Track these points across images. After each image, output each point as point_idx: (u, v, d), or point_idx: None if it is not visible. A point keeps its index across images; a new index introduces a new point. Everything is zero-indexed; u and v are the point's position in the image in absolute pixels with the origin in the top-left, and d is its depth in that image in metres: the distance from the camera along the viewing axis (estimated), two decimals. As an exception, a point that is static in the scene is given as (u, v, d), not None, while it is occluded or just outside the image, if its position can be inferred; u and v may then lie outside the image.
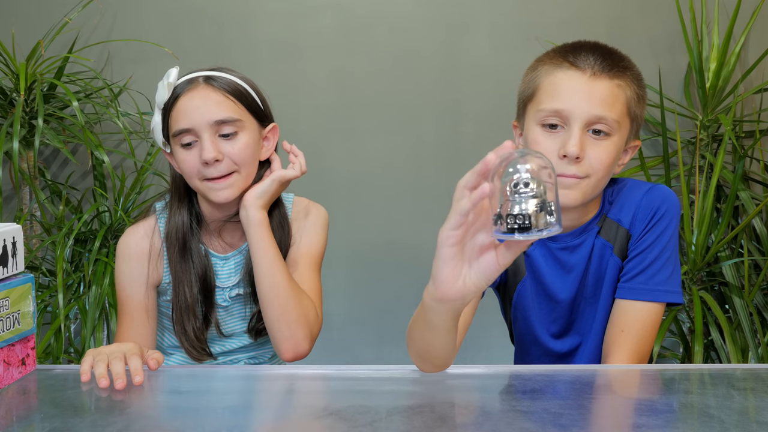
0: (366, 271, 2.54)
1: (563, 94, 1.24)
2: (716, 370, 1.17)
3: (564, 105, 1.23)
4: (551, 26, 2.47)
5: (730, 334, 2.11)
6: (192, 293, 1.40)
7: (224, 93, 1.35)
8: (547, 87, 1.26)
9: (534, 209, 0.80)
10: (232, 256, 1.45)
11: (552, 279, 1.35)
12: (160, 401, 1.08)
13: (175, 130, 1.34)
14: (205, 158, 1.32)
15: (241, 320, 1.47)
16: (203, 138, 1.33)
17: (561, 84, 1.24)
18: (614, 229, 1.33)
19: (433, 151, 2.54)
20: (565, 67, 1.25)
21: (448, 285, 0.88)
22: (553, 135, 1.24)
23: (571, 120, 1.23)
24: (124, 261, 1.41)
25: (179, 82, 1.36)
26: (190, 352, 1.42)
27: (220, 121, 1.33)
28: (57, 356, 2.19)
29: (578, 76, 1.24)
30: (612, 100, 1.24)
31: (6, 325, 1.05)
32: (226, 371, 1.24)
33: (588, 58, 1.25)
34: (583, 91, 1.23)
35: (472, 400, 1.06)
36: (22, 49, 2.44)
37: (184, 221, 1.41)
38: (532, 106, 1.28)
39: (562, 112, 1.23)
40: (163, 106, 1.36)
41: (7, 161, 2.46)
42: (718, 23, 2.40)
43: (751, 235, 2.34)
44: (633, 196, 1.32)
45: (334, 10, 2.52)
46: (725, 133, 2.24)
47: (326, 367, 1.19)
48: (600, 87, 1.23)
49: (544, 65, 1.28)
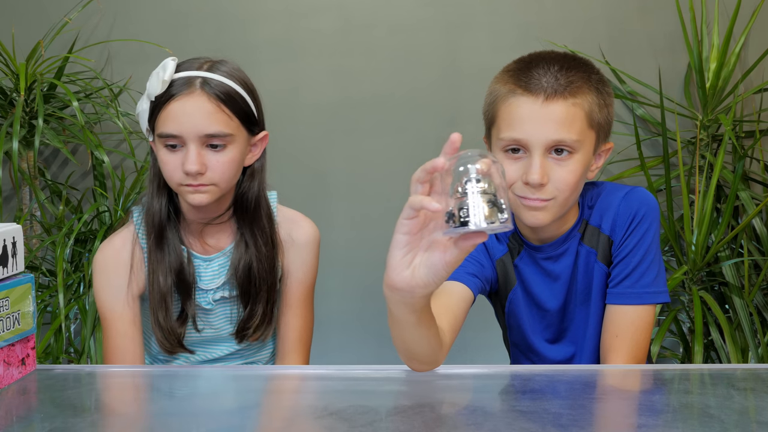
0: (366, 271, 2.54)
1: (518, 123, 1.22)
2: (716, 370, 1.17)
3: (521, 134, 1.22)
4: (551, 26, 2.47)
5: (730, 334, 2.11)
6: (166, 283, 1.37)
7: (218, 103, 1.31)
8: (504, 116, 1.25)
9: (485, 204, 0.83)
10: (216, 257, 1.42)
11: (540, 288, 1.35)
12: (158, 402, 1.08)
13: (162, 132, 1.31)
14: (187, 169, 1.29)
15: (228, 324, 1.44)
16: (189, 148, 1.29)
17: (516, 112, 1.23)
18: (596, 236, 1.33)
19: (433, 151, 2.50)
20: (519, 93, 1.23)
21: (396, 272, 0.93)
22: (516, 161, 1.24)
23: (530, 147, 1.22)
24: (104, 274, 1.38)
25: (176, 77, 1.32)
26: (162, 344, 1.38)
27: (210, 134, 1.30)
28: (57, 356, 2.19)
29: (531, 102, 1.22)
30: (569, 121, 1.22)
31: (6, 325, 1.05)
32: (225, 372, 1.24)
33: (540, 80, 1.22)
34: (537, 117, 1.21)
35: (472, 400, 1.06)
36: (22, 49, 2.44)
37: (162, 209, 1.37)
38: (494, 132, 1.28)
39: (520, 141, 1.23)
40: (154, 99, 1.32)
41: (7, 161, 2.45)
42: (718, 23, 2.40)
43: (751, 235, 2.34)
44: (611, 201, 1.32)
45: (334, 10, 2.52)
46: (725, 133, 2.24)
47: (326, 367, 1.19)
48: (555, 110, 1.21)
49: (499, 90, 1.27)
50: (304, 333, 1.46)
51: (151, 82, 1.32)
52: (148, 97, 1.33)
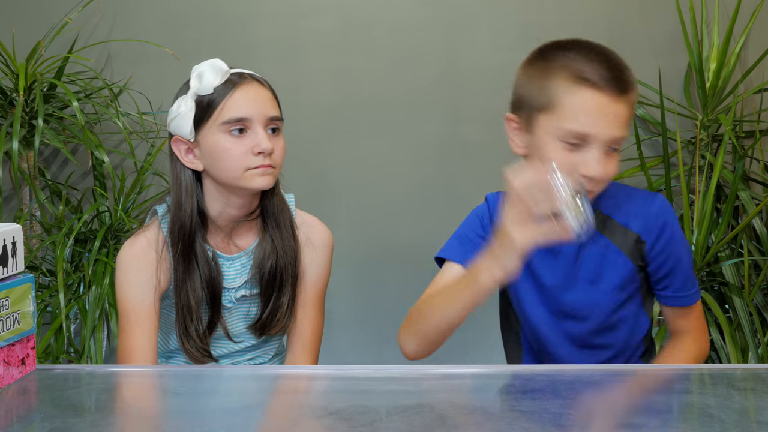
0: (366, 271, 2.54)
1: (586, 117, 1.24)
2: (716, 370, 1.17)
3: (588, 129, 1.24)
4: (551, 26, 2.47)
5: (730, 334, 2.11)
6: (196, 295, 1.40)
7: (271, 90, 1.41)
8: (569, 107, 1.24)
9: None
10: (239, 257, 1.45)
11: (540, 264, 1.38)
12: (159, 401, 1.08)
13: (229, 118, 1.35)
14: (263, 148, 1.35)
15: (243, 321, 1.47)
16: (257, 130, 1.36)
17: (584, 106, 1.24)
18: (620, 232, 1.36)
19: (433, 151, 2.54)
20: (586, 86, 1.24)
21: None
22: (571, 151, 1.25)
23: (593, 141, 1.24)
24: (129, 271, 1.39)
25: (233, 71, 1.38)
26: (191, 354, 1.41)
27: (273, 117, 1.38)
28: (57, 356, 2.19)
29: (599, 97, 1.24)
30: (628, 119, 1.28)
31: (6, 325, 1.05)
32: (225, 371, 1.24)
33: (604, 74, 1.24)
34: (606, 114, 1.24)
35: (472, 400, 1.06)
36: (22, 49, 2.44)
37: (192, 221, 1.40)
38: (547, 119, 1.27)
39: (584, 135, 1.24)
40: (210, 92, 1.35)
41: (7, 161, 2.46)
42: (718, 23, 2.40)
43: (751, 235, 2.34)
44: (636, 203, 1.38)
45: (334, 10, 2.52)
46: (725, 133, 2.24)
47: (326, 367, 1.19)
48: (620, 109, 1.25)
49: (557, 77, 1.26)
50: (315, 333, 1.49)
51: (206, 78, 1.36)
52: (194, 95, 1.37)
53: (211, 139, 1.36)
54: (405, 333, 1.34)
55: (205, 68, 1.37)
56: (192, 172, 1.40)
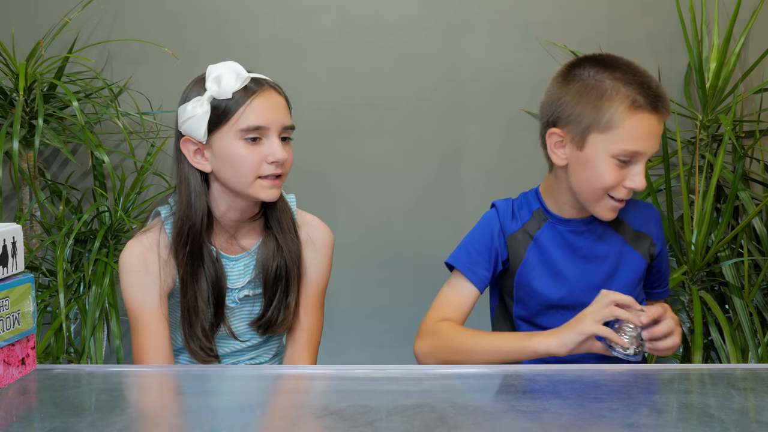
0: (366, 271, 2.54)
1: (642, 138, 1.34)
2: (716, 370, 1.17)
3: (641, 148, 1.35)
4: (551, 26, 2.47)
5: (730, 334, 2.11)
6: (202, 296, 1.40)
7: (286, 99, 1.41)
8: (629, 128, 1.34)
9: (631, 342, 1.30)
10: (242, 257, 1.45)
11: (559, 259, 1.45)
12: (159, 401, 1.08)
13: (248, 126, 1.35)
14: (278, 158, 1.36)
15: (245, 320, 1.47)
16: (272, 139, 1.36)
17: (643, 129, 1.34)
18: (633, 233, 1.48)
19: (433, 151, 2.54)
20: (642, 111, 1.33)
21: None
22: (621, 168, 1.36)
23: (640, 158, 1.36)
24: (132, 273, 1.39)
25: (252, 77, 1.38)
26: (197, 354, 1.41)
27: (288, 126, 1.39)
28: (57, 356, 2.19)
29: (650, 119, 1.34)
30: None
31: (6, 325, 1.05)
32: (225, 371, 1.24)
33: (653, 100, 1.34)
34: (655, 134, 1.36)
35: (472, 400, 1.06)
36: (22, 49, 2.44)
37: (203, 221, 1.40)
38: (602, 138, 1.35)
39: (636, 153, 1.35)
40: (228, 97, 1.35)
41: (7, 161, 2.46)
42: (718, 23, 2.40)
43: (751, 235, 2.34)
44: (641, 210, 1.51)
45: (334, 10, 2.52)
46: (725, 133, 2.24)
47: (326, 367, 1.19)
48: (662, 126, 1.38)
49: (614, 102, 1.34)
50: (315, 332, 1.50)
51: (225, 81, 1.35)
52: (210, 98, 1.36)
53: (225, 143, 1.36)
54: (425, 351, 1.41)
55: (224, 72, 1.36)
56: (199, 172, 1.40)
